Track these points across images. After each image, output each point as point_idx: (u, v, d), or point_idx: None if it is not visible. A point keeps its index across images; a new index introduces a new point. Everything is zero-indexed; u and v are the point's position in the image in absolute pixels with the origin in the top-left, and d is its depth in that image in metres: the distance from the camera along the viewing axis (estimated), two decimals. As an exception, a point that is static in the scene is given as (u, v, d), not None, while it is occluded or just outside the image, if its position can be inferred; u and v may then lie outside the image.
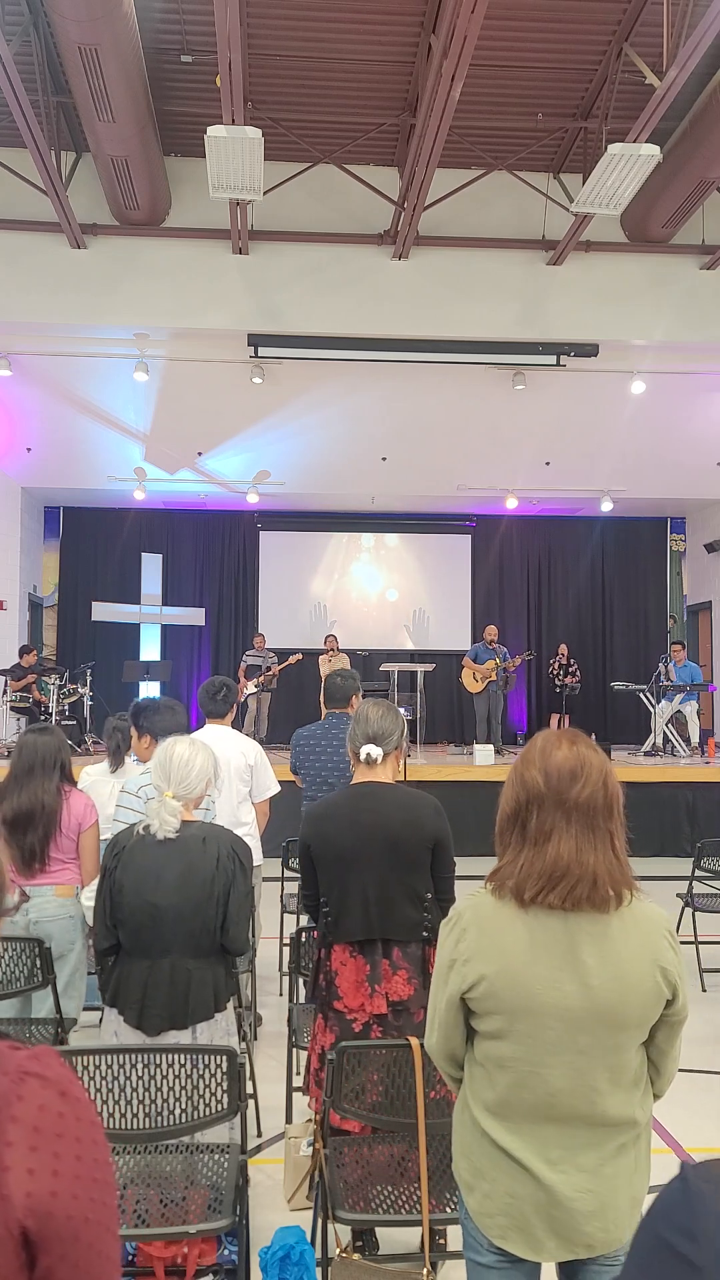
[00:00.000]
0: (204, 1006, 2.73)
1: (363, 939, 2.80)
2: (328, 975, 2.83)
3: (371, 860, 2.80)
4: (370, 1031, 2.75)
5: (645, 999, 1.72)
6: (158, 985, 2.70)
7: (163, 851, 2.75)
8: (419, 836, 2.83)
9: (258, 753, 4.68)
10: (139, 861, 2.74)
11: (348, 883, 2.81)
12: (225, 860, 2.77)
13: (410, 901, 2.81)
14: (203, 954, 2.75)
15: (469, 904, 1.85)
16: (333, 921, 2.83)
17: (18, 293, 9.06)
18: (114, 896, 2.75)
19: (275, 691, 13.14)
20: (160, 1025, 2.69)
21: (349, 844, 2.82)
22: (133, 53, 6.84)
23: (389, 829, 2.81)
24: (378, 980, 2.77)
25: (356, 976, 2.79)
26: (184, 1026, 2.71)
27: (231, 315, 9.24)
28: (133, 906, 2.71)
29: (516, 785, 1.81)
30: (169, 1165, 2.58)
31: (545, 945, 1.73)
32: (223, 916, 2.75)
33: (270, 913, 5.65)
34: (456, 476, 13.44)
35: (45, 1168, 0.91)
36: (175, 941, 2.72)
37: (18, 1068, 0.96)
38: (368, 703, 3.03)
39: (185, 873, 2.73)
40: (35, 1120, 0.93)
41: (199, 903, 2.72)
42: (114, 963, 2.81)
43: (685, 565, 16.08)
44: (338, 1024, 2.78)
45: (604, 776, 1.77)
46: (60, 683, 11.67)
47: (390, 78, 8.13)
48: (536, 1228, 1.73)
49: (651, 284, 9.48)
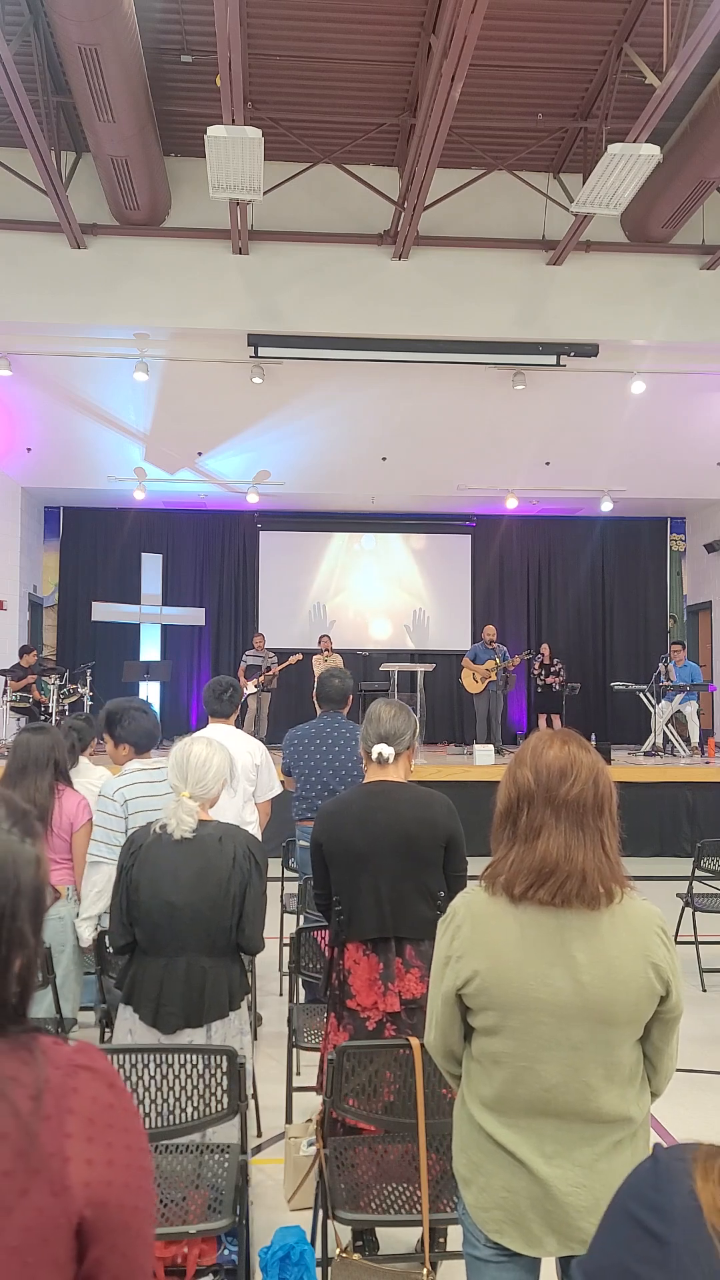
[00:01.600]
0: (219, 1005, 2.74)
1: (376, 937, 2.80)
2: (340, 974, 2.83)
3: (385, 859, 2.80)
4: (384, 1030, 2.75)
5: (637, 995, 1.73)
6: (173, 984, 2.70)
7: (179, 850, 2.75)
8: (433, 835, 2.84)
9: (263, 753, 4.68)
10: (156, 860, 2.74)
11: (361, 881, 2.81)
12: (241, 859, 2.77)
13: (423, 900, 2.82)
14: (218, 953, 2.75)
15: (463, 901, 1.86)
16: (345, 920, 2.82)
17: (18, 293, 9.06)
18: (130, 895, 2.75)
19: (275, 691, 13.15)
20: (176, 1023, 2.70)
21: (362, 842, 2.81)
22: (133, 53, 6.84)
23: (403, 827, 2.81)
24: (391, 978, 2.77)
25: (370, 975, 2.79)
26: (199, 1025, 2.72)
27: (231, 315, 9.24)
28: (149, 905, 2.71)
29: (509, 783, 1.84)
30: (171, 1165, 2.59)
31: (536, 941, 1.75)
32: (238, 915, 2.76)
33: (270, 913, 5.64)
34: (456, 476, 13.44)
35: (101, 1158, 0.94)
36: (191, 940, 2.72)
37: (68, 1061, 0.98)
38: (380, 702, 3.01)
39: (202, 871, 2.73)
40: (90, 1112, 0.95)
41: (215, 901, 2.72)
42: (129, 961, 2.81)
43: (685, 565, 16.07)
44: (351, 1022, 2.78)
45: (594, 775, 1.79)
46: (60, 683, 11.67)
47: (390, 78, 8.13)
48: (533, 1222, 1.74)
49: (651, 284, 9.48)
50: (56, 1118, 0.93)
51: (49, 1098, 0.94)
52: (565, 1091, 1.73)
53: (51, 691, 11.51)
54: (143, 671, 13.43)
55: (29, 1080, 0.95)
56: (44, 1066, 0.96)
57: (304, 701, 14.24)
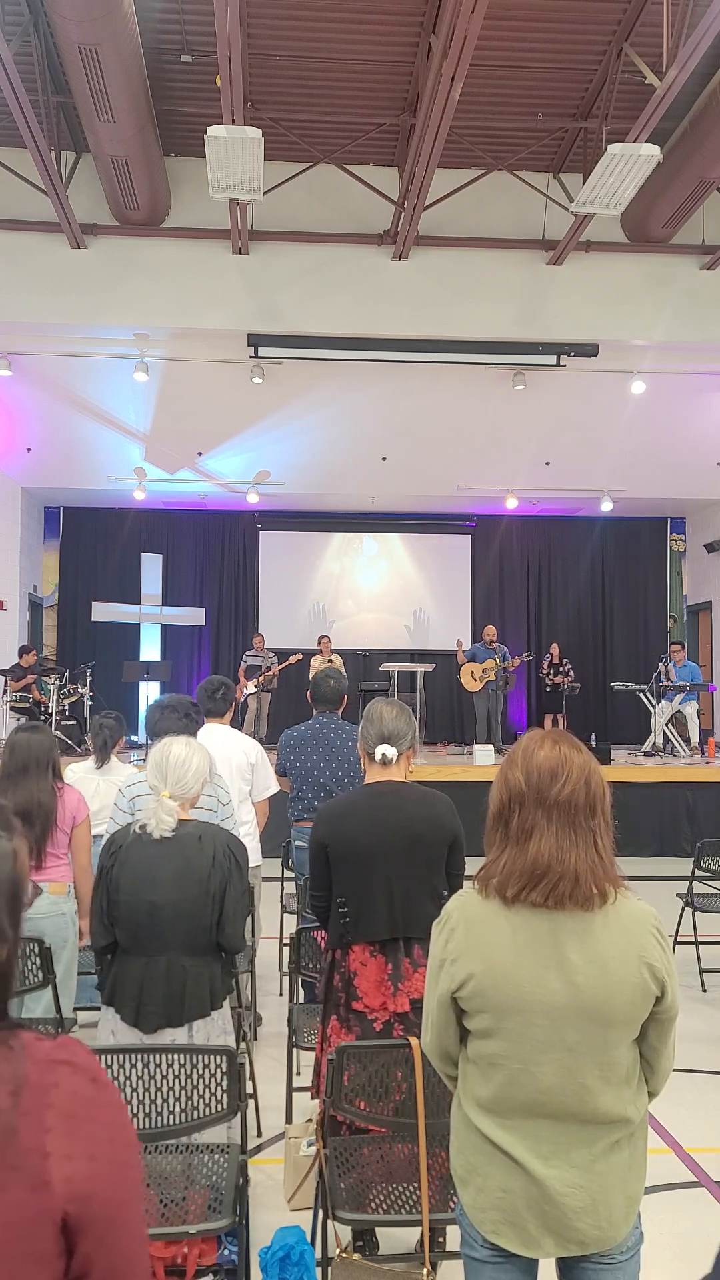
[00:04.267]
0: (200, 1004, 2.74)
1: (385, 938, 2.80)
2: (345, 975, 2.82)
3: (393, 859, 2.80)
4: (392, 1030, 2.74)
5: (632, 996, 1.73)
6: (154, 983, 2.71)
7: (159, 850, 2.76)
8: (439, 834, 2.85)
9: (259, 752, 4.69)
10: (136, 860, 2.76)
11: (370, 882, 2.80)
12: (221, 858, 2.78)
13: (430, 899, 2.81)
14: (199, 952, 2.76)
15: (457, 903, 1.86)
16: (353, 921, 2.81)
17: (18, 293, 9.07)
18: (111, 895, 2.76)
19: (275, 691, 13.14)
20: (157, 1023, 2.70)
21: (369, 843, 2.81)
22: (133, 53, 6.84)
23: (410, 827, 2.81)
24: (400, 979, 2.77)
25: (378, 976, 2.79)
26: (180, 1024, 2.72)
27: (231, 315, 9.24)
28: (130, 905, 2.72)
29: (500, 785, 1.84)
30: (168, 1165, 2.59)
31: (530, 943, 1.74)
32: (219, 914, 2.76)
33: (270, 913, 5.65)
34: (456, 476, 13.44)
35: (82, 1152, 0.93)
36: (172, 940, 2.73)
37: (47, 1056, 0.98)
38: (379, 702, 3.01)
39: (182, 871, 2.74)
40: (70, 1106, 0.94)
41: (195, 900, 2.73)
42: (111, 961, 2.81)
43: (685, 565, 16.08)
44: (358, 1024, 2.77)
45: (586, 776, 1.79)
46: (60, 683, 11.67)
47: (390, 78, 8.13)
48: (529, 1223, 1.74)
49: (651, 284, 9.48)
50: (35, 1113, 0.93)
51: (28, 1093, 0.94)
52: (561, 1093, 1.73)
53: (51, 691, 11.51)
54: (143, 671, 13.42)
55: (8, 1076, 0.95)
56: (24, 1062, 0.96)
57: (304, 701, 14.21)
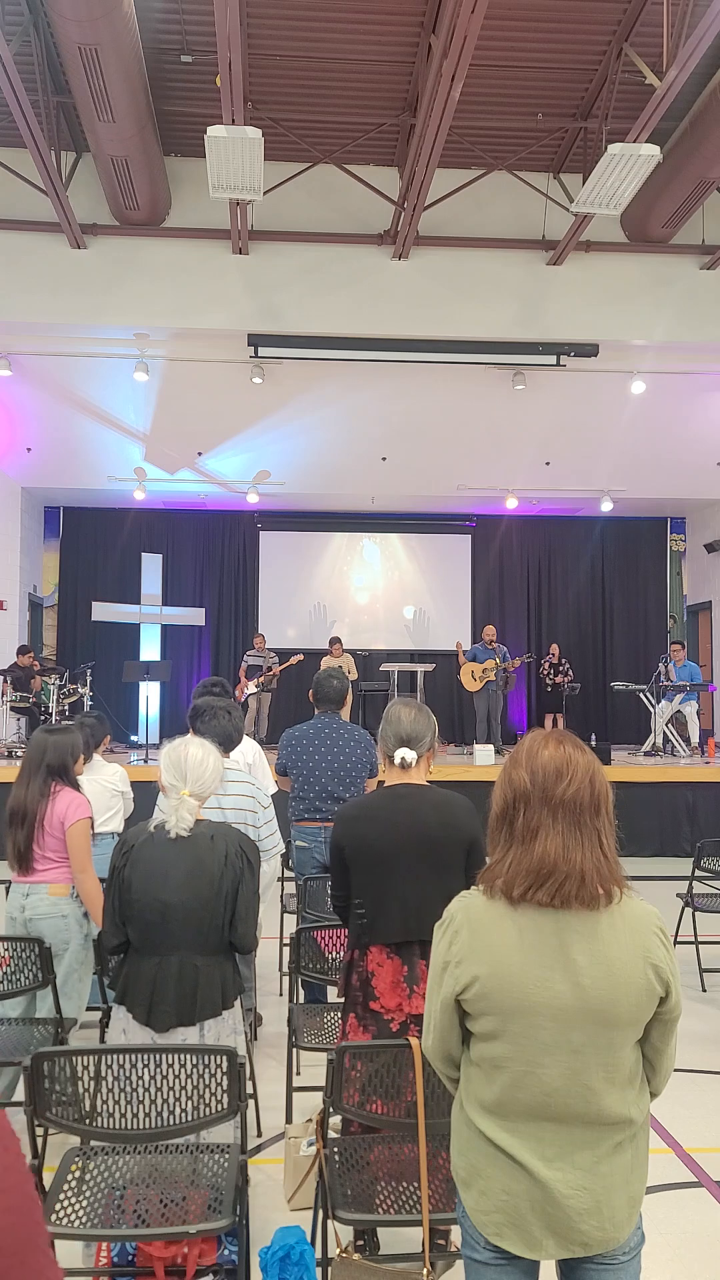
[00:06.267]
0: (212, 1004, 2.74)
1: (400, 940, 2.79)
2: (363, 976, 2.82)
3: (409, 862, 2.79)
4: (408, 1031, 2.75)
5: (637, 997, 1.72)
6: (166, 982, 2.71)
7: (171, 849, 2.76)
8: (456, 838, 2.82)
9: (256, 752, 4.68)
10: (148, 859, 2.75)
11: (385, 885, 2.80)
12: (234, 858, 2.78)
13: (445, 902, 2.81)
14: (210, 951, 2.76)
15: (460, 905, 1.85)
16: (368, 923, 2.81)
17: (18, 293, 9.06)
18: (122, 894, 2.76)
19: (275, 692, 13.14)
20: (169, 1022, 2.70)
21: (386, 846, 2.80)
22: (133, 53, 6.84)
23: (427, 830, 2.80)
24: (415, 981, 2.77)
25: (394, 977, 2.79)
26: (192, 1023, 2.72)
27: (231, 315, 9.24)
28: (141, 904, 2.72)
29: (504, 785, 1.83)
30: (171, 1165, 2.58)
31: (535, 944, 1.74)
32: (230, 914, 2.76)
33: (270, 913, 5.64)
34: (456, 476, 13.44)
35: None
36: (183, 939, 2.72)
37: None
38: (398, 703, 2.98)
39: (193, 870, 2.73)
40: None
41: (207, 900, 2.73)
42: (123, 960, 2.81)
43: (685, 565, 16.08)
44: (374, 1024, 2.78)
45: (590, 775, 1.78)
46: (60, 683, 11.67)
47: (390, 78, 8.12)
48: (532, 1225, 1.73)
49: (651, 284, 9.48)
50: None
51: None
52: (566, 1095, 1.72)
53: (51, 691, 11.51)
54: (143, 671, 13.40)
55: None
56: None
57: (305, 702, 14.21)
